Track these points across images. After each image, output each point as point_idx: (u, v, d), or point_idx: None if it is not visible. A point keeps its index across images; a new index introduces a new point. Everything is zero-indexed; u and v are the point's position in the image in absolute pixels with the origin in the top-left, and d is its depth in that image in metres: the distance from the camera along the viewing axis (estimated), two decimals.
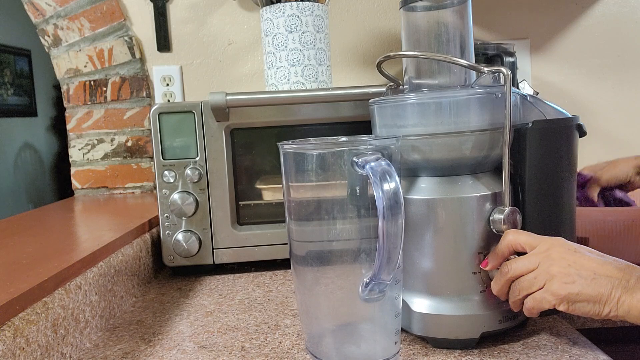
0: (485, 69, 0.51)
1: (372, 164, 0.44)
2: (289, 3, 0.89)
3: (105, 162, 1.19)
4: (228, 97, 0.77)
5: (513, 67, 0.97)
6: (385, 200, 0.43)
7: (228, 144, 0.81)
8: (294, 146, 0.49)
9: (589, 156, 1.24)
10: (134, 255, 0.75)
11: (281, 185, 0.80)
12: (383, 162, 0.44)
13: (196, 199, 0.80)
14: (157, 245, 0.85)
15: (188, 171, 0.79)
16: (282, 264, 0.85)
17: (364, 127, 0.79)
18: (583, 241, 0.71)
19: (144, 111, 1.18)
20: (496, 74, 0.52)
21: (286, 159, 0.50)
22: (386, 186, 0.43)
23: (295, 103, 0.80)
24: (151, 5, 1.17)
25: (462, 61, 0.53)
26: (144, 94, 1.18)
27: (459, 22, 0.56)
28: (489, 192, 0.53)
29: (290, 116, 0.81)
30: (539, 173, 0.56)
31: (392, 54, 0.57)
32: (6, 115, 3.58)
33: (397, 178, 0.44)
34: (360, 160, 0.45)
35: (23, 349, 0.46)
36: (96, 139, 1.19)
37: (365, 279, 0.46)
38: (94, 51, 1.17)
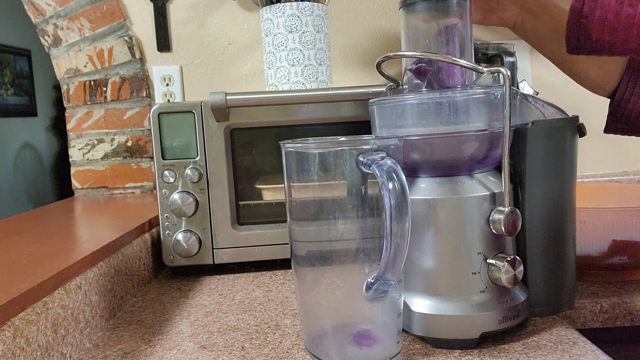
0: (485, 69, 0.52)
1: (379, 162, 0.44)
2: (289, 3, 0.89)
3: (105, 162, 1.19)
4: (228, 97, 0.77)
5: (513, 67, 0.97)
6: (392, 199, 0.43)
7: (228, 144, 0.81)
8: (296, 145, 0.48)
9: (589, 156, 1.24)
10: (134, 255, 0.75)
11: (281, 185, 0.80)
12: (389, 161, 0.44)
13: (196, 199, 0.80)
14: (157, 245, 0.85)
15: (188, 171, 0.79)
16: (282, 264, 0.85)
17: (364, 127, 0.79)
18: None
19: (144, 111, 1.18)
20: (496, 74, 0.52)
21: (288, 158, 0.50)
22: (393, 185, 0.43)
23: (295, 103, 0.80)
24: (151, 5, 1.17)
25: (462, 61, 0.53)
26: (144, 94, 1.18)
27: (459, 22, 0.56)
28: (489, 192, 0.53)
29: (290, 116, 0.81)
30: (539, 173, 0.56)
31: (391, 54, 0.57)
32: (6, 115, 3.58)
33: (403, 177, 0.44)
34: (366, 159, 0.45)
35: (23, 349, 0.46)
36: (96, 139, 1.19)
37: (369, 279, 0.46)
38: (94, 51, 1.17)
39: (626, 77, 0.65)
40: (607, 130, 0.70)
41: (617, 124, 0.67)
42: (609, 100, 0.69)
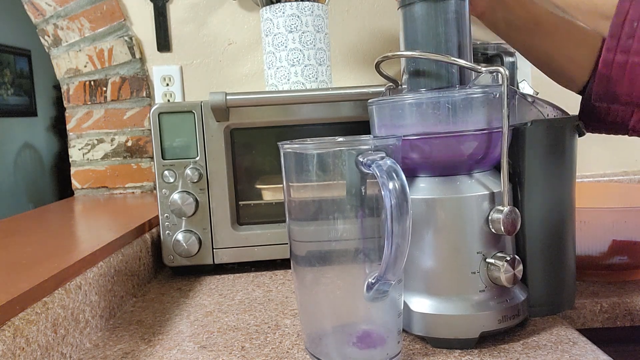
0: (484, 69, 0.52)
1: (378, 162, 0.44)
2: (289, 3, 0.89)
3: (105, 162, 1.19)
4: (228, 97, 0.77)
5: (513, 67, 0.97)
6: (393, 199, 0.43)
7: (228, 144, 0.81)
8: (295, 146, 0.49)
9: (589, 156, 1.24)
10: (134, 255, 0.76)
11: (281, 185, 0.79)
12: (389, 161, 0.44)
13: (196, 199, 0.80)
14: (157, 245, 0.85)
15: (188, 171, 0.79)
16: (282, 264, 0.85)
17: (363, 127, 0.79)
18: None
19: (144, 111, 1.18)
20: (495, 74, 0.52)
21: (287, 159, 0.50)
22: (394, 184, 0.43)
23: (295, 103, 0.80)
24: (151, 5, 1.18)
25: (461, 61, 0.53)
26: (144, 94, 1.18)
27: (458, 21, 0.55)
28: (488, 192, 0.53)
29: (290, 116, 0.81)
30: (538, 173, 0.56)
31: (390, 54, 0.57)
32: (6, 115, 3.58)
33: (403, 176, 0.44)
34: (365, 159, 0.45)
35: (23, 349, 0.46)
36: (96, 139, 1.19)
37: (369, 279, 0.46)
38: (94, 51, 1.17)
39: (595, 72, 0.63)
40: None
41: (588, 121, 0.65)
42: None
